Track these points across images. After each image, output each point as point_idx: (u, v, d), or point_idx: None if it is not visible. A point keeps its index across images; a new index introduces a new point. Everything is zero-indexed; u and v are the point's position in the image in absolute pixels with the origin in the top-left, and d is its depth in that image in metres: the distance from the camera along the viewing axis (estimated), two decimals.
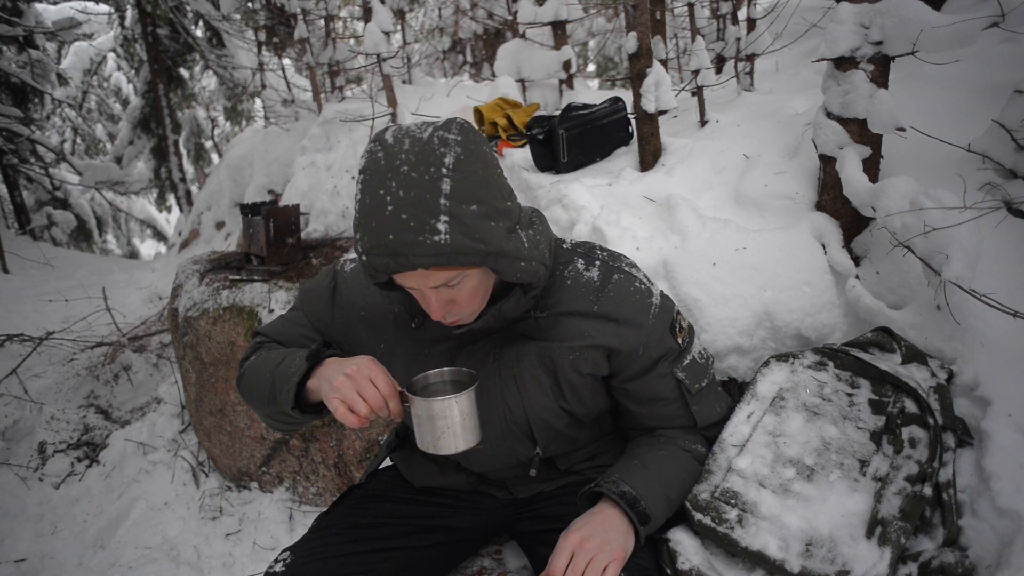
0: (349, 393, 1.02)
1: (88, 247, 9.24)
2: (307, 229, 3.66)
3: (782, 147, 2.23)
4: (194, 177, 10.30)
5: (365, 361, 1.07)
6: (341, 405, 1.02)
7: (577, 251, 1.23)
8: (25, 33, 6.65)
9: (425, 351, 1.21)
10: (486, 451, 1.24)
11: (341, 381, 1.03)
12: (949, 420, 1.34)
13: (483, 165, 0.98)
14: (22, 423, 3.26)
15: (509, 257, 1.00)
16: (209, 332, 2.62)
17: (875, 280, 1.75)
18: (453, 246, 0.93)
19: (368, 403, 1.02)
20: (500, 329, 1.18)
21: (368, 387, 1.03)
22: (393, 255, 0.93)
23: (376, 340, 1.24)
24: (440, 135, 0.95)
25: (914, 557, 1.16)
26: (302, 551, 1.22)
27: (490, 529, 1.40)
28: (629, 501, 1.11)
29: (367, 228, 0.94)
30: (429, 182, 0.92)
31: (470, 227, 0.94)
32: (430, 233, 0.92)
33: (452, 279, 0.99)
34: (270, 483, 2.70)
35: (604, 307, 1.16)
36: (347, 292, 1.26)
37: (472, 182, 0.95)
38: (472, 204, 0.94)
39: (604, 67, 8.87)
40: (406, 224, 0.92)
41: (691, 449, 1.26)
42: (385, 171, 0.94)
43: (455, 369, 1.14)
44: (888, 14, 1.62)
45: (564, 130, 2.56)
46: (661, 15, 3.09)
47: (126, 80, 10.17)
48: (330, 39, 4.32)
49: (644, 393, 1.22)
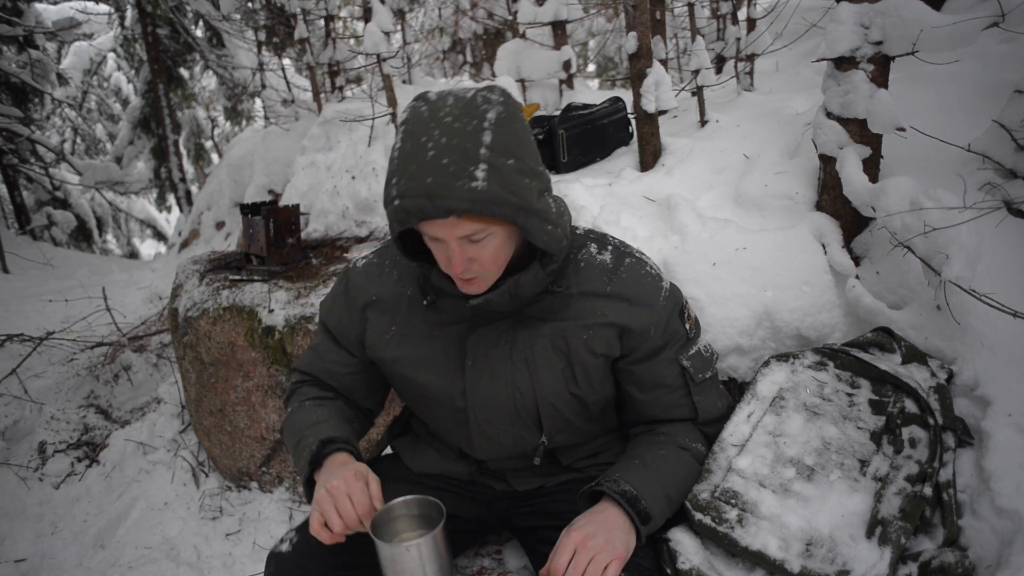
0: (327, 508, 1.06)
1: (88, 247, 9.23)
2: (307, 229, 3.66)
3: (782, 147, 2.23)
4: (194, 177, 10.30)
5: (348, 476, 1.10)
6: (317, 520, 1.07)
7: (590, 236, 1.26)
8: (25, 33, 6.64)
9: (437, 332, 1.23)
10: (492, 437, 1.25)
11: (322, 495, 1.08)
12: (949, 420, 1.34)
13: (522, 127, 1.03)
14: (22, 423, 3.25)
15: (539, 217, 1.03)
16: (209, 332, 2.62)
17: (875, 280, 1.75)
18: (489, 194, 0.95)
19: (343, 520, 1.06)
20: (513, 312, 1.19)
21: (345, 504, 1.06)
22: (429, 197, 0.95)
23: (388, 323, 1.26)
24: (483, 95, 1.01)
25: (914, 557, 1.16)
26: (308, 530, 1.23)
27: (490, 520, 1.40)
28: (630, 500, 1.11)
29: (405, 172, 0.97)
30: (472, 132, 0.96)
31: (507, 179, 0.97)
32: (468, 179, 0.94)
33: (479, 232, 1.01)
34: (270, 483, 2.70)
35: (617, 287, 1.19)
36: (359, 283, 1.30)
37: (511, 138, 0.99)
38: (510, 158, 0.98)
39: (604, 67, 8.87)
40: (446, 168, 0.94)
41: (691, 448, 1.26)
42: (428, 120, 0.98)
43: (422, 499, 1.15)
44: (888, 14, 1.62)
45: (564, 130, 2.56)
46: (661, 15, 3.09)
47: (126, 80, 10.17)
48: (330, 39, 4.32)
49: (649, 378, 1.22)
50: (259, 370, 2.55)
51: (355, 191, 3.52)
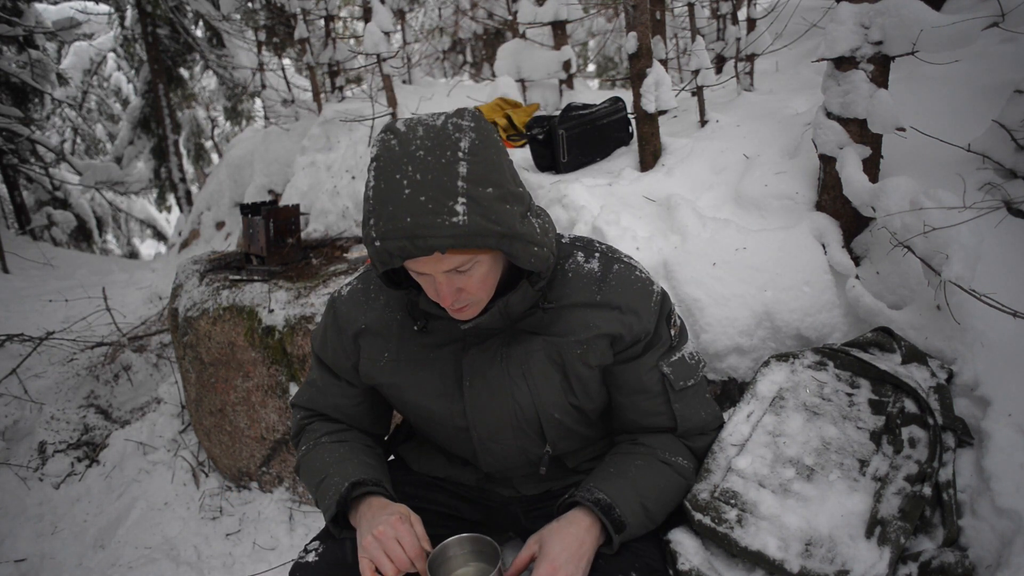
0: (377, 554, 1.06)
1: (88, 247, 9.23)
2: (307, 229, 3.66)
3: (782, 147, 2.23)
4: (194, 177, 10.30)
5: (393, 520, 1.10)
6: (369, 567, 1.06)
7: (576, 244, 1.23)
8: (25, 33, 6.64)
9: (431, 355, 1.21)
10: (496, 452, 1.25)
11: (369, 541, 1.07)
12: (949, 420, 1.34)
13: (496, 151, 1.00)
14: (22, 423, 3.26)
15: (524, 240, 1.01)
16: (209, 332, 2.62)
17: (875, 280, 1.75)
18: (471, 227, 0.93)
19: (395, 564, 1.06)
20: (505, 328, 1.18)
21: (395, 548, 1.07)
22: (411, 238, 0.93)
23: (380, 351, 1.23)
24: (454, 122, 0.97)
25: (914, 557, 1.16)
26: (332, 538, 1.22)
27: (498, 525, 1.40)
28: (604, 508, 1.11)
29: (383, 213, 0.94)
30: (446, 165, 0.93)
31: (487, 209, 0.95)
32: (448, 215, 0.92)
33: (464, 263, 0.99)
34: (270, 483, 2.70)
35: (607, 296, 1.16)
36: (346, 313, 1.26)
37: (487, 166, 0.96)
38: (488, 187, 0.95)
39: (604, 67, 8.87)
40: (424, 206, 0.92)
41: (671, 462, 1.21)
42: (400, 156, 0.95)
43: (475, 537, 1.16)
44: (888, 14, 1.62)
45: (564, 130, 2.56)
46: (661, 15, 3.09)
47: (126, 80, 10.17)
48: (330, 39, 4.32)
49: (629, 381, 1.21)
50: (259, 370, 2.55)
51: (355, 191, 3.52)
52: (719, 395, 1.81)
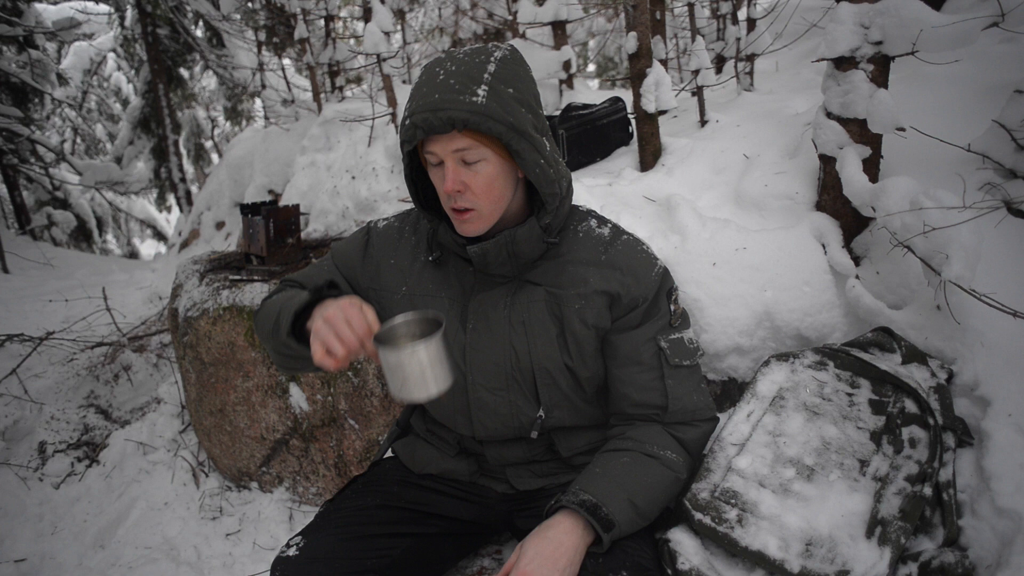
0: (327, 336, 1.06)
1: (88, 247, 9.23)
2: (307, 229, 3.66)
3: (782, 147, 2.23)
4: (194, 177, 10.31)
5: (343, 303, 1.10)
6: (320, 348, 1.06)
7: (591, 214, 1.33)
8: (25, 33, 6.64)
9: (442, 294, 1.28)
10: (489, 406, 1.26)
11: (319, 325, 1.08)
12: (949, 420, 1.34)
13: (524, 70, 1.16)
14: (22, 423, 3.26)
15: (530, 143, 1.11)
16: (209, 332, 2.62)
17: (875, 280, 1.75)
18: (487, 108, 1.06)
19: (345, 345, 1.05)
20: (513, 276, 1.24)
21: (345, 329, 1.06)
22: (433, 110, 1.06)
23: (399, 284, 1.32)
24: (495, 44, 1.15)
25: (914, 557, 1.16)
26: (314, 535, 1.23)
27: (492, 523, 1.41)
28: (589, 508, 1.10)
29: (418, 95, 1.09)
30: (479, 63, 1.10)
31: (504, 101, 1.08)
32: (470, 95, 1.06)
33: (472, 148, 1.09)
34: (270, 483, 2.70)
35: (611, 257, 1.24)
36: (379, 244, 1.37)
37: (513, 75, 1.12)
38: (510, 88, 1.10)
39: (604, 67, 8.87)
40: (452, 87, 1.07)
41: (659, 456, 1.20)
42: (444, 59, 1.12)
43: (421, 316, 1.13)
44: (888, 14, 1.62)
45: (564, 130, 2.56)
46: (661, 15, 3.09)
47: (126, 80, 10.18)
48: (330, 39, 4.32)
49: (625, 351, 1.23)
50: (259, 370, 2.55)
51: (355, 191, 3.52)
52: (719, 395, 1.81)
